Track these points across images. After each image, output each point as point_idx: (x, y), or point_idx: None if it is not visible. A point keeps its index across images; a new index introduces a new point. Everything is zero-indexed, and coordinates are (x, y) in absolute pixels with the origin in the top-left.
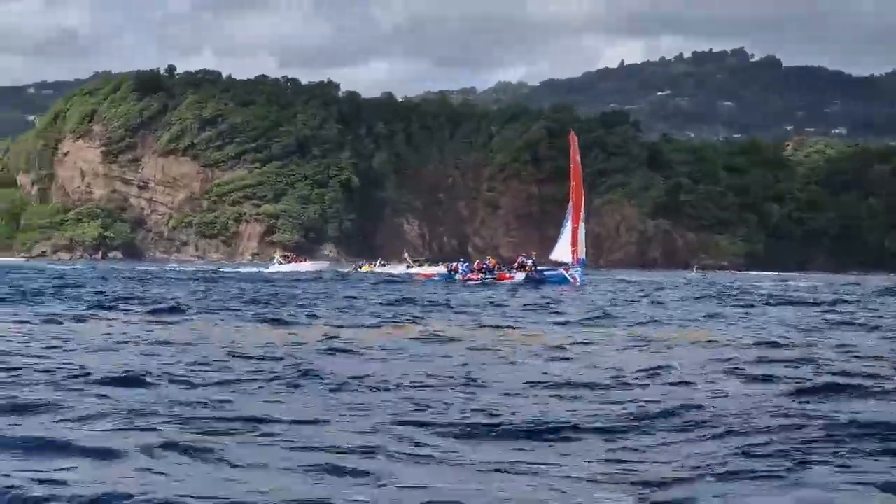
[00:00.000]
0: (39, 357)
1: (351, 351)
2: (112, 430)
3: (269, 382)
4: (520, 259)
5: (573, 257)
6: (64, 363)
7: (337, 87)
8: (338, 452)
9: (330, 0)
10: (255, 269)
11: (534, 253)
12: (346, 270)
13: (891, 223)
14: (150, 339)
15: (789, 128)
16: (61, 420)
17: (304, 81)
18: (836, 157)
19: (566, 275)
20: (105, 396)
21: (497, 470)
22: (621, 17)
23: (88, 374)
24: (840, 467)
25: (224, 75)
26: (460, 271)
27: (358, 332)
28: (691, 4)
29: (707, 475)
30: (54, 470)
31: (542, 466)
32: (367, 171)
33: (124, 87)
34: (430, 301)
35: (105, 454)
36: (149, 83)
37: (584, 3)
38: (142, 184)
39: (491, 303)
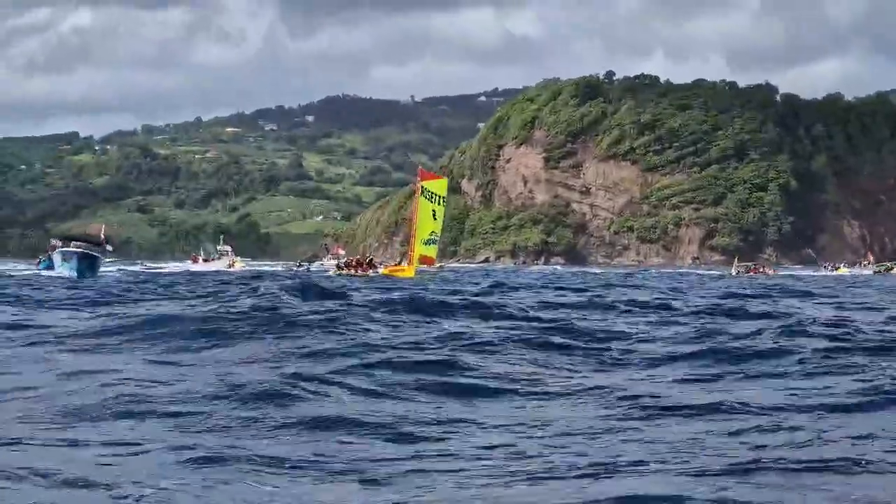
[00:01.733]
0: None
1: None
2: None
3: None
4: None
5: None
6: None
7: (775, 89)
8: None
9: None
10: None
11: None
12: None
13: None
14: None
15: None
16: None
17: (741, 84)
18: None
19: None
20: None
21: None
22: None
23: None
24: None
25: (670, 78)
26: None
27: None
28: None
29: None
30: None
31: None
32: (805, 173)
33: (564, 92)
34: None
35: None
36: (588, 89)
37: None
38: (583, 189)
39: None
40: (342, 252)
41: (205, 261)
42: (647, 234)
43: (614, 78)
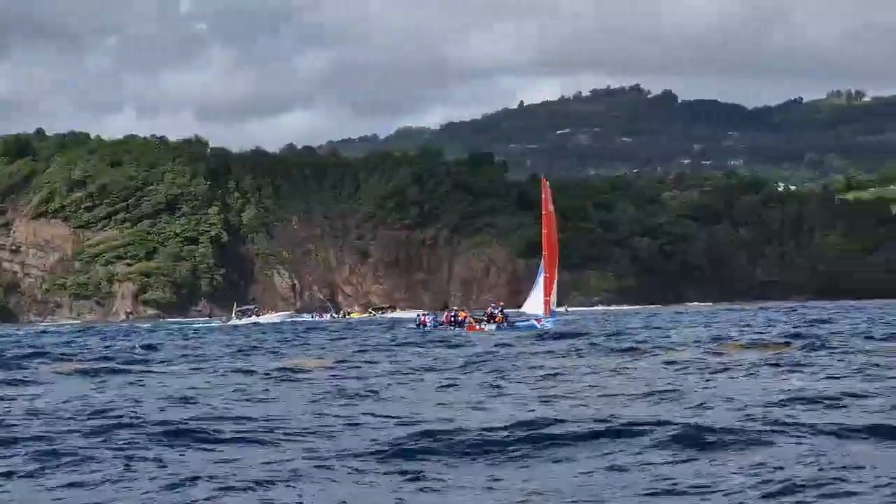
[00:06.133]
0: None
1: None
2: None
3: None
4: (489, 309)
5: (546, 308)
6: None
7: (206, 143)
8: None
9: (252, 54)
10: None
11: (500, 302)
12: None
13: (759, 252)
14: None
15: (686, 161)
16: None
17: (171, 139)
18: (708, 190)
19: (538, 325)
20: None
21: None
22: (534, 58)
23: None
24: None
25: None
26: (429, 325)
27: None
28: (599, 43)
29: None
30: None
31: None
32: (236, 225)
33: None
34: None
35: None
36: (17, 147)
37: (499, 46)
38: (14, 248)
39: None
40: None
41: None
42: (81, 290)
43: (46, 135)
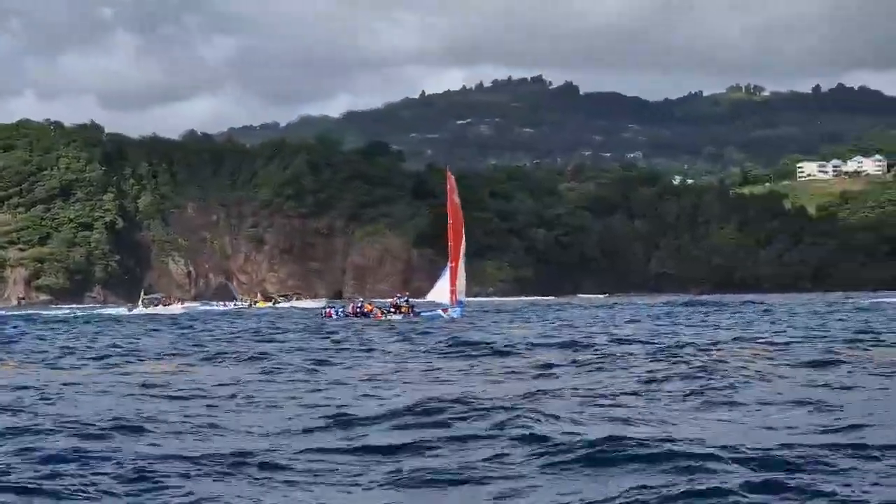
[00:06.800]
0: None
1: None
2: None
3: None
4: (394, 300)
5: (452, 297)
6: None
7: (101, 129)
8: None
9: (157, 40)
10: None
11: (405, 292)
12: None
13: (655, 244)
14: None
15: (587, 153)
16: None
17: (67, 123)
18: (605, 182)
19: (444, 315)
20: None
21: None
22: (438, 48)
23: None
24: None
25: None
26: (334, 317)
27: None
28: (502, 34)
29: None
30: None
31: None
32: (132, 212)
33: None
34: None
35: None
36: None
37: (403, 36)
38: None
39: None
40: None
41: None
42: None
43: None
